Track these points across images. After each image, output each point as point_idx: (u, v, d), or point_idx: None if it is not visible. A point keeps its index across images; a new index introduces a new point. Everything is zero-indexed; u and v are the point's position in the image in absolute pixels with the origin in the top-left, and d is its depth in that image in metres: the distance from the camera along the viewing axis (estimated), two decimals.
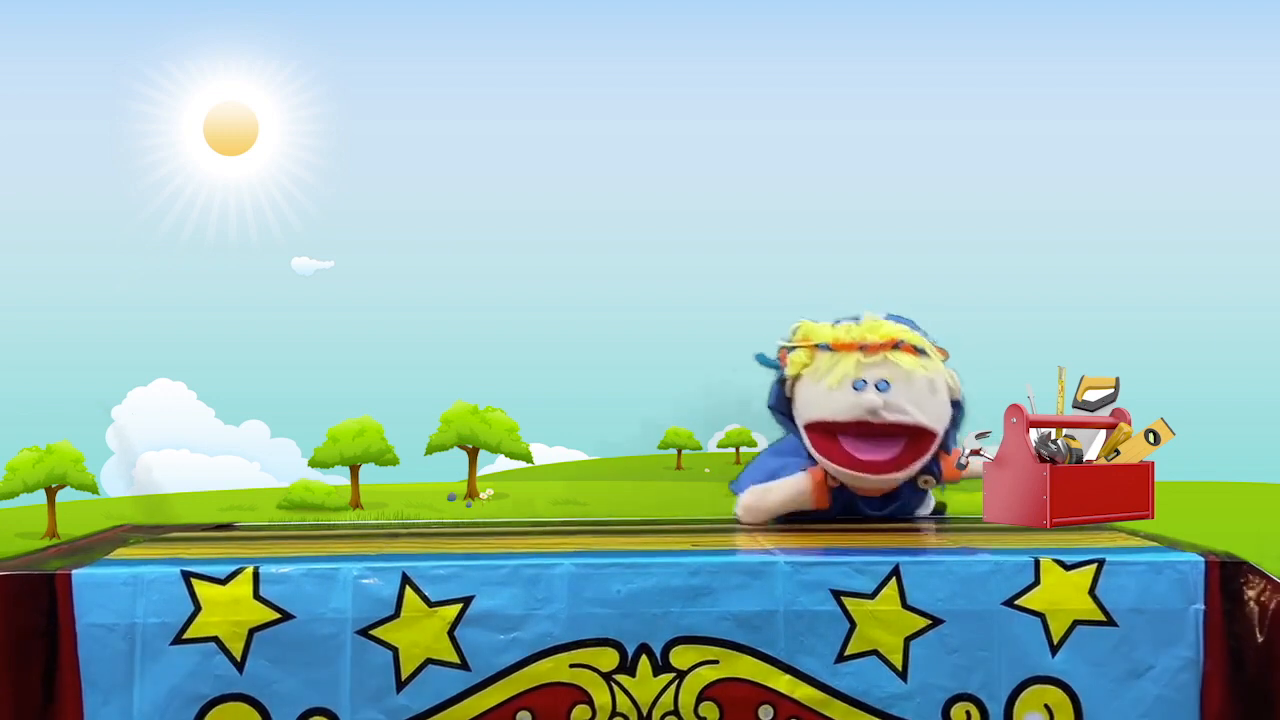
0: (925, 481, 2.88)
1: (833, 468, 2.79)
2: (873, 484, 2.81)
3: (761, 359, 2.94)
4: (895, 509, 2.91)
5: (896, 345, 2.75)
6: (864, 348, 2.75)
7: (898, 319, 2.88)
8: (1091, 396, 2.63)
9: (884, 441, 2.74)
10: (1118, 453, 2.59)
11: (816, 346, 2.80)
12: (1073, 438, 2.58)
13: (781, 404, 2.90)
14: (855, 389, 2.72)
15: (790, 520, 2.93)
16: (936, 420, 2.76)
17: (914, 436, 2.74)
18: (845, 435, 2.75)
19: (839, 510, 2.89)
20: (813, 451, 2.82)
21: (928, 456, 2.79)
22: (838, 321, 2.87)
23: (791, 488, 2.89)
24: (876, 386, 2.71)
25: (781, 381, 2.88)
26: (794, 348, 2.84)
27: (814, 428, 2.79)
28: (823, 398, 2.76)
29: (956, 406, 2.84)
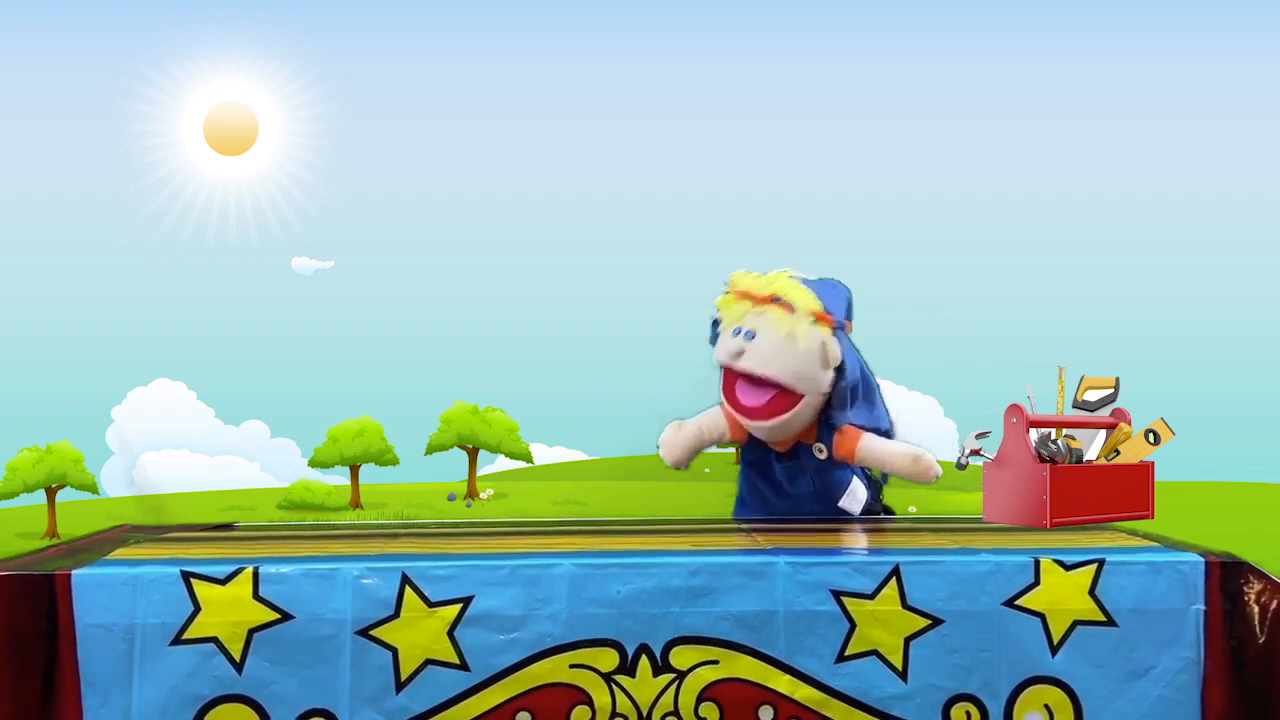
0: (818, 449, 2.96)
1: (728, 407, 2.97)
2: (755, 430, 2.95)
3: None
4: (796, 467, 2.98)
5: (774, 300, 2.88)
6: (750, 298, 2.91)
7: (829, 284, 2.99)
8: (1091, 396, 2.63)
9: (759, 390, 2.88)
10: (1118, 453, 2.59)
11: (736, 295, 2.96)
12: (1073, 438, 2.58)
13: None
14: (733, 335, 2.90)
15: (788, 519, 2.94)
16: (795, 378, 2.86)
17: (782, 390, 2.86)
18: (737, 379, 2.91)
19: (756, 453, 3.03)
20: (721, 391, 2.99)
21: (791, 413, 2.87)
22: (766, 272, 3.00)
23: (706, 419, 3.04)
24: (745, 335, 2.88)
25: (715, 325, 3.02)
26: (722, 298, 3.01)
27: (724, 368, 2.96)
28: (719, 341, 2.96)
29: (841, 374, 2.90)
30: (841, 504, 2.98)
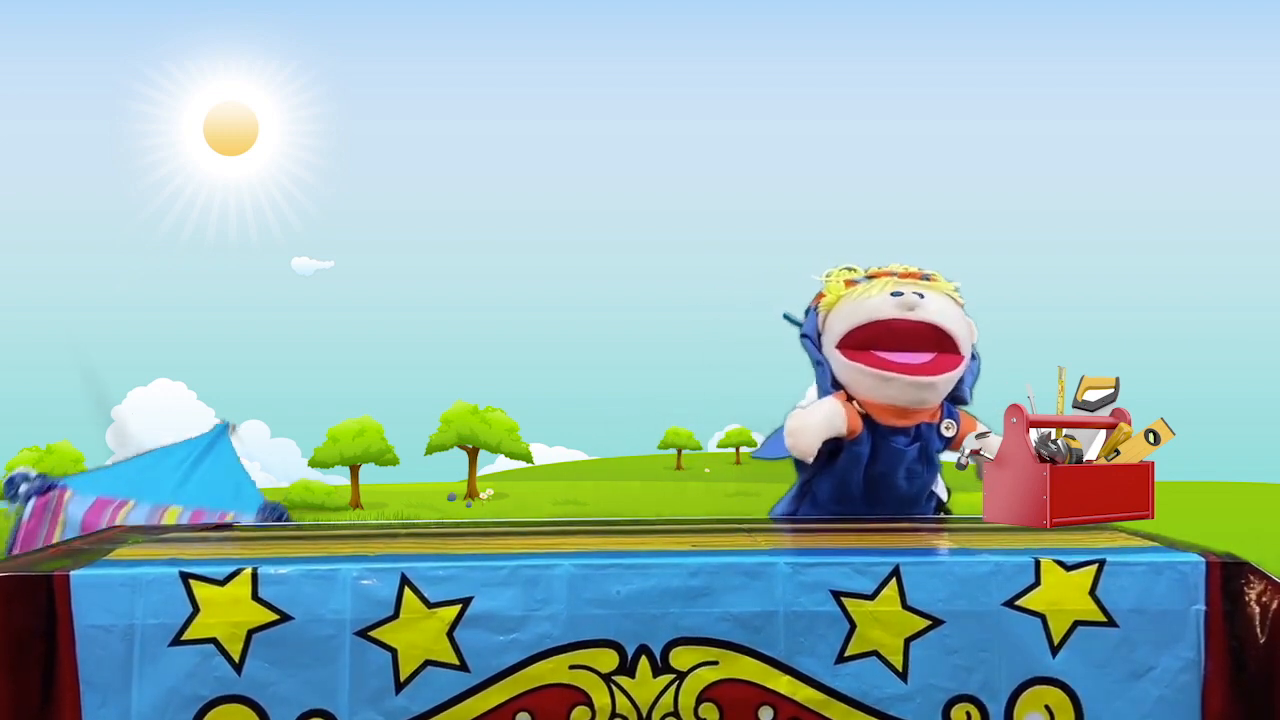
0: (947, 426, 2.96)
1: (868, 373, 2.87)
2: (912, 391, 2.86)
3: (788, 317, 3.09)
4: (918, 451, 2.94)
5: (925, 277, 2.97)
6: (898, 275, 2.96)
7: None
8: (1091, 396, 2.62)
9: (915, 354, 2.87)
10: (1118, 453, 2.59)
11: (852, 281, 2.97)
12: (1073, 438, 2.57)
13: (814, 333, 3.02)
14: (893, 295, 2.88)
15: (796, 519, 2.94)
16: (964, 338, 2.92)
17: (943, 349, 2.88)
18: (877, 348, 2.87)
19: (872, 443, 2.93)
20: (848, 364, 2.90)
21: (956, 371, 2.89)
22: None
23: (829, 408, 2.94)
24: (915, 294, 2.89)
25: (810, 312, 3.01)
26: (831, 281, 3.01)
27: (848, 341, 2.90)
28: (861, 306, 2.90)
29: (973, 357, 2.98)
30: (935, 489, 3.04)
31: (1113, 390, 2.62)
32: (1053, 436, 2.54)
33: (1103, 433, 2.61)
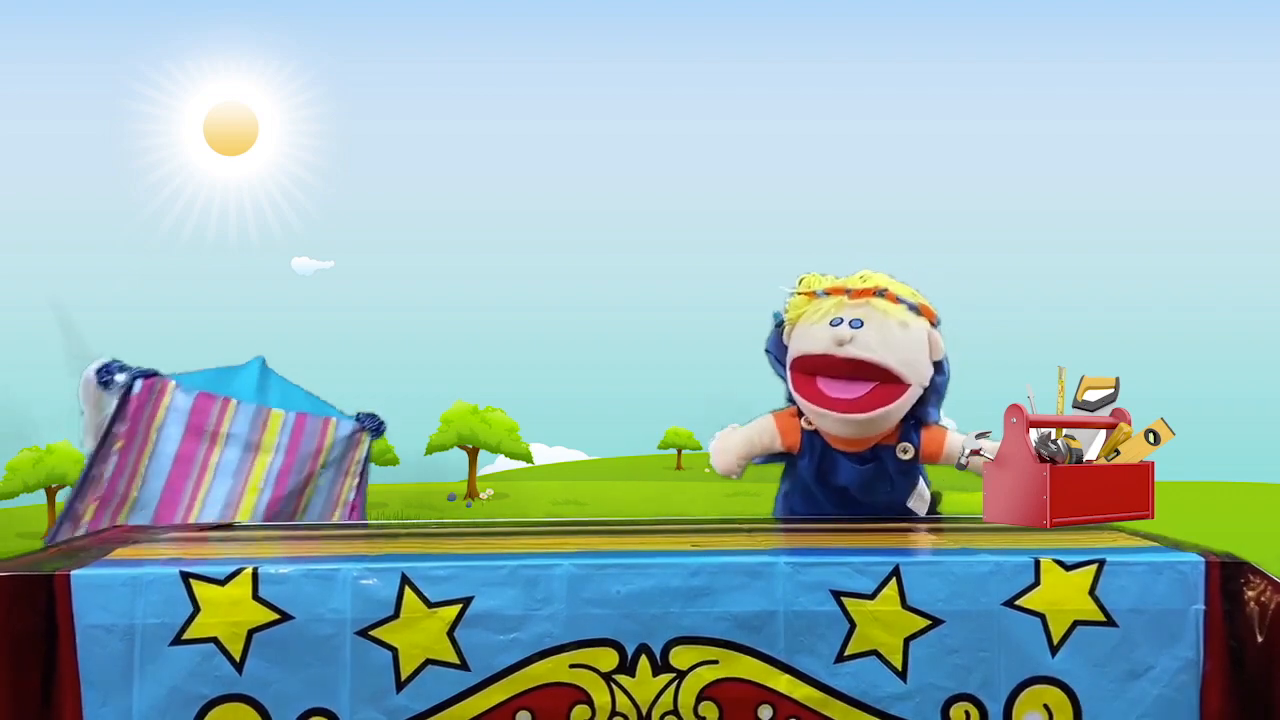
0: (903, 449, 2.92)
1: (806, 405, 2.89)
2: (843, 427, 2.86)
3: (776, 316, 3.08)
4: (873, 471, 2.92)
5: (879, 293, 2.88)
6: (849, 292, 2.89)
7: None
8: (1091, 396, 2.63)
9: (855, 383, 2.82)
10: (1118, 453, 2.59)
11: (814, 294, 2.94)
12: (1073, 438, 2.57)
13: (778, 349, 3.02)
14: (832, 325, 2.84)
15: (794, 519, 2.94)
16: (906, 366, 2.83)
17: (884, 381, 2.82)
18: (822, 376, 2.85)
19: (816, 461, 2.95)
20: (793, 391, 2.92)
21: (895, 404, 2.83)
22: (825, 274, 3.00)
23: (756, 426, 3.01)
24: (850, 324, 2.83)
25: (779, 326, 3.01)
26: (795, 295, 2.99)
27: (796, 365, 2.90)
28: (804, 334, 2.89)
29: (939, 370, 2.92)
30: (910, 504, 2.98)
31: (1113, 390, 2.62)
32: (1053, 436, 2.54)
33: (1103, 433, 2.61)
